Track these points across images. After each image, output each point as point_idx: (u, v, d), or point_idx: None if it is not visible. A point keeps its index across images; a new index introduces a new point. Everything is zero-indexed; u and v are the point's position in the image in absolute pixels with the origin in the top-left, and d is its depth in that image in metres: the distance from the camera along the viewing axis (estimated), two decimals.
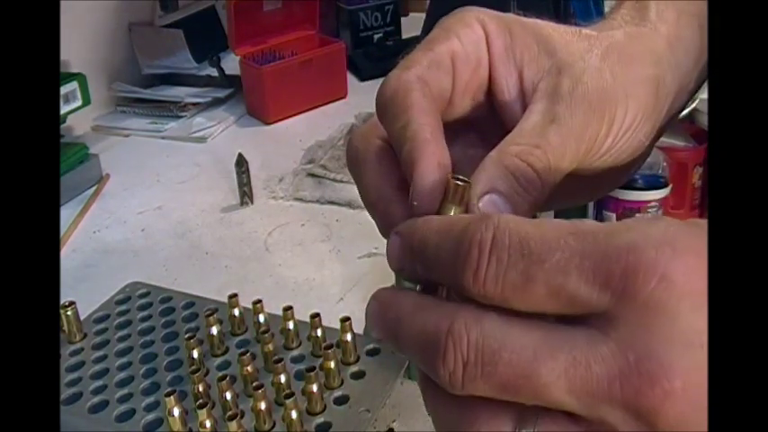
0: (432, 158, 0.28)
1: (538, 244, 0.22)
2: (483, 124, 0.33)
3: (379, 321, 0.26)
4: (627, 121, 0.31)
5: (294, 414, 0.51)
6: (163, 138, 1.14)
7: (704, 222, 0.22)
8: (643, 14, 0.33)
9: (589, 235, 0.21)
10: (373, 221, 0.31)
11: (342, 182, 0.94)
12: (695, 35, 0.34)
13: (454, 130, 0.32)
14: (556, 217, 0.72)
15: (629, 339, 0.20)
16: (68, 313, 0.62)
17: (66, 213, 0.91)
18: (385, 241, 0.28)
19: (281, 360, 0.54)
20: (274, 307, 0.62)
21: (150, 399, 0.56)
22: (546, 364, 0.21)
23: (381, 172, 0.30)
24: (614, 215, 1.40)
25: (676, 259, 0.20)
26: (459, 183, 0.27)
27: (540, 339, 0.22)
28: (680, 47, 0.33)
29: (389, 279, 0.28)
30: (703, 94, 0.31)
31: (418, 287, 0.27)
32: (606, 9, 0.87)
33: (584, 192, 0.35)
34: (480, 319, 0.22)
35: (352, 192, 0.91)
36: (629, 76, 0.31)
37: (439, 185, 0.27)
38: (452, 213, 0.27)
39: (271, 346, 0.58)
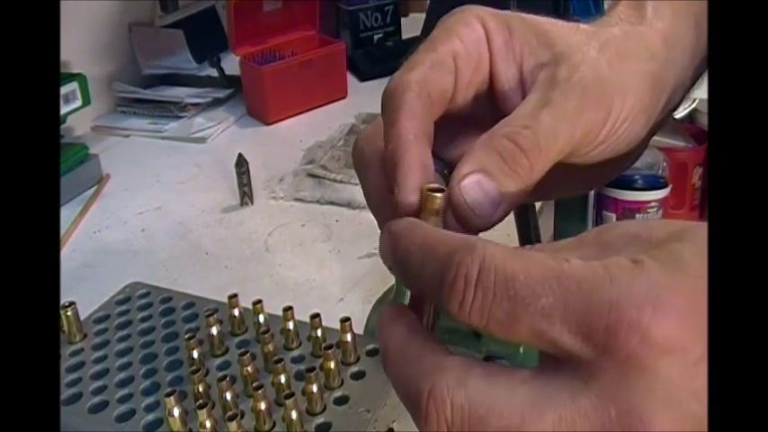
0: (414, 159, 0.28)
1: (523, 286, 0.22)
2: (486, 119, 0.33)
3: (378, 340, 0.27)
4: (624, 112, 0.31)
5: (294, 414, 0.51)
6: (163, 138, 1.14)
7: (692, 266, 0.21)
8: (640, 13, 0.34)
9: (574, 283, 0.21)
10: (374, 222, 0.32)
11: (342, 182, 0.94)
12: (691, 34, 0.34)
13: (457, 125, 0.33)
14: (556, 211, 0.72)
15: (610, 393, 0.21)
16: (68, 313, 0.62)
17: (67, 213, 0.91)
18: None
19: (281, 360, 0.54)
20: (274, 307, 0.62)
21: (150, 399, 0.56)
22: (534, 426, 0.21)
23: (384, 177, 0.31)
24: (614, 215, 1.39)
25: (657, 320, 0.20)
26: (433, 193, 0.27)
27: (527, 400, 0.22)
28: (676, 45, 0.34)
29: (389, 279, 0.29)
30: (703, 94, 0.31)
31: (408, 299, 0.28)
32: (606, 9, 0.87)
33: (581, 183, 0.36)
34: (464, 381, 0.23)
35: (353, 192, 0.91)
36: (625, 70, 0.31)
37: (421, 184, 0.28)
38: (431, 221, 0.27)
39: (271, 347, 0.58)
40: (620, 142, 0.32)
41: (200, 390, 0.54)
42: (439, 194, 0.27)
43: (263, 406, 0.52)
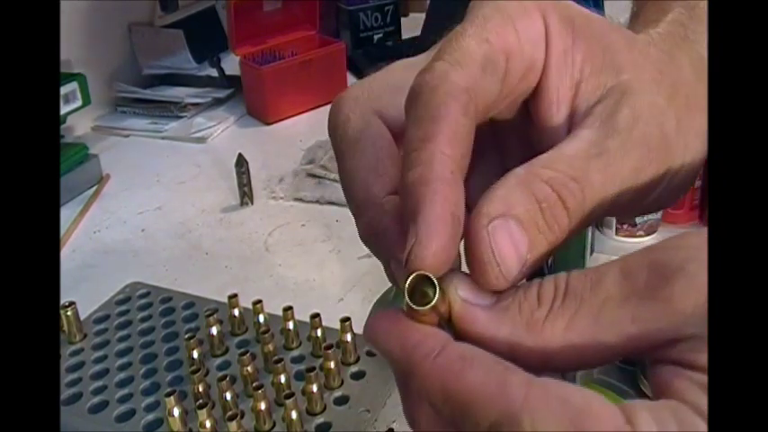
0: (444, 209, 0.22)
1: None
2: (511, 127, 0.28)
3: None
4: (683, 172, 0.27)
5: (294, 414, 0.51)
6: (163, 138, 1.14)
7: None
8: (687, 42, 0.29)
9: None
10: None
11: None
12: None
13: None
14: None
15: None
16: (68, 313, 0.62)
17: (67, 213, 0.91)
18: None
19: (281, 360, 0.54)
20: (274, 307, 0.62)
21: (150, 399, 0.56)
22: None
23: (376, 166, 0.25)
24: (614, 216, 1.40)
25: None
26: (419, 308, 0.22)
27: None
28: None
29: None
30: None
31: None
32: (606, 9, 0.87)
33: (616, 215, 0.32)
34: None
35: None
36: (692, 125, 0.27)
37: (448, 246, 0.22)
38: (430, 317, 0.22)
39: (271, 347, 0.58)
40: (671, 195, 0.27)
41: (200, 390, 0.54)
42: (426, 308, 0.21)
43: (263, 406, 0.52)
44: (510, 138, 0.28)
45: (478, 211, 0.22)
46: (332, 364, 0.55)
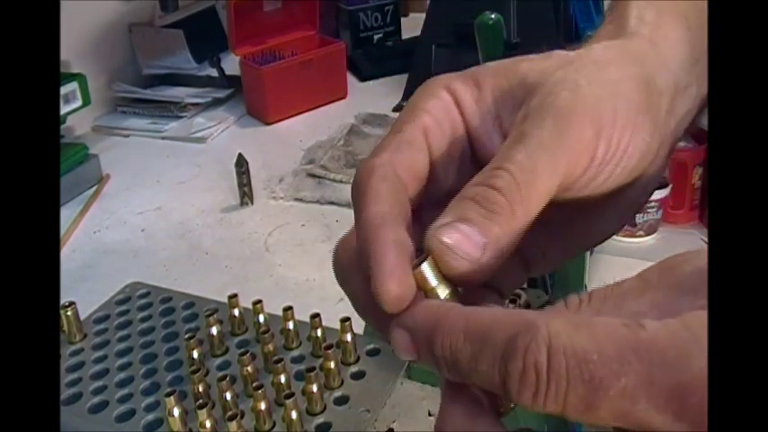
0: (384, 240, 0.25)
1: (598, 366, 0.20)
2: None
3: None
4: (620, 121, 0.27)
5: (294, 414, 0.51)
6: (163, 138, 1.14)
7: None
8: (622, 24, 0.31)
9: (657, 354, 0.19)
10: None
11: (342, 182, 0.94)
12: (683, 34, 0.31)
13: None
14: None
15: None
16: (68, 313, 0.62)
17: (67, 213, 0.91)
18: None
19: (281, 360, 0.54)
20: (274, 307, 0.62)
21: (150, 399, 0.56)
22: None
23: (365, 280, 0.28)
24: None
25: None
26: (419, 266, 0.25)
27: None
28: (665, 45, 0.30)
29: None
30: None
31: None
32: (606, 9, 0.87)
33: (609, 221, 0.32)
34: None
35: None
36: (607, 78, 0.28)
37: (400, 265, 0.25)
38: (442, 294, 0.25)
39: (271, 347, 0.57)
40: (629, 157, 0.28)
41: (200, 390, 0.54)
42: (425, 263, 0.24)
43: (263, 406, 0.52)
44: None
45: (427, 232, 0.25)
46: (332, 364, 0.55)
